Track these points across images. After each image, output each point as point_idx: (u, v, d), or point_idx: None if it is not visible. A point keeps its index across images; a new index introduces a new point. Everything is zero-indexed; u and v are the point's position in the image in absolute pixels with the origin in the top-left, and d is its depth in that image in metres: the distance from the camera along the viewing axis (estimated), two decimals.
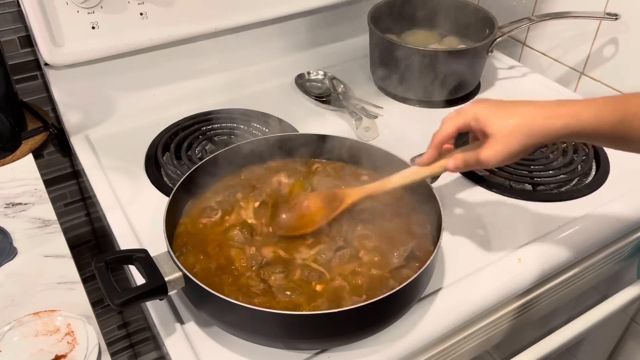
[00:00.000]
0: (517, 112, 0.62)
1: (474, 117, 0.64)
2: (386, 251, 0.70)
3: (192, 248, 0.71)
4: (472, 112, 0.64)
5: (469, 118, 0.64)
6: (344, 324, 0.62)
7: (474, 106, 0.65)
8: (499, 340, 0.81)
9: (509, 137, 0.61)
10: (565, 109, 0.61)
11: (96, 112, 1.02)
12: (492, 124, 0.62)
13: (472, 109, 0.65)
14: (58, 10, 0.89)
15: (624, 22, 1.04)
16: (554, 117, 0.60)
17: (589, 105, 0.60)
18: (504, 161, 0.63)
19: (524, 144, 0.61)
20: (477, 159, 0.64)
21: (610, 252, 0.87)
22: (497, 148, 0.62)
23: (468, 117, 0.64)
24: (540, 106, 0.62)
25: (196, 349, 0.66)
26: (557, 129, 0.60)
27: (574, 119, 0.60)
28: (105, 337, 0.77)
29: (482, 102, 0.65)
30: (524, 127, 0.61)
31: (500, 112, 0.63)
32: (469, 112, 0.65)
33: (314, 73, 1.15)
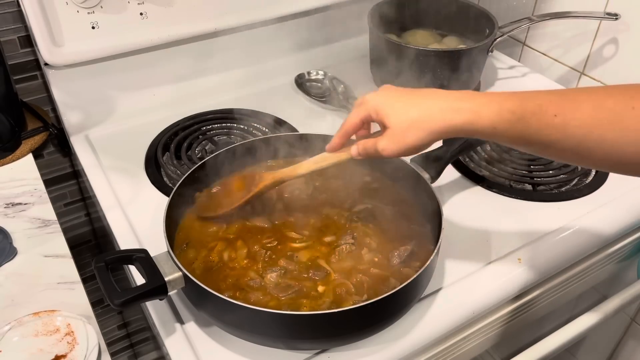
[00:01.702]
0: (415, 104, 0.60)
1: (374, 108, 0.63)
2: (386, 251, 0.70)
3: (193, 244, 0.72)
4: (372, 103, 0.63)
5: (370, 108, 0.63)
6: (344, 324, 0.62)
7: (375, 96, 0.63)
8: (499, 340, 0.81)
9: (405, 131, 0.60)
10: (466, 103, 0.58)
11: (96, 112, 1.02)
12: (390, 116, 0.61)
13: (373, 100, 0.63)
14: (58, 10, 0.89)
15: (624, 22, 1.04)
16: (453, 112, 0.58)
17: (492, 102, 0.57)
18: (401, 154, 0.61)
19: (421, 138, 0.59)
20: (375, 148, 0.62)
21: (610, 252, 0.87)
22: (393, 140, 0.61)
23: (369, 107, 0.63)
24: (442, 98, 0.59)
25: (196, 349, 0.66)
26: (455, 126, 0.58)
27: (473, 116, 0.57)
28: (105, 337, 0.77)
29: (384, 92, 0.64)
30: (421, 122, 0.59)
31: (399, 104, 0.61)
32: (370, 103, 0.63)
33: (314, 73, 1.15)
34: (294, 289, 0.66)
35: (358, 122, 0.65)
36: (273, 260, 0.70)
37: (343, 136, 0.67)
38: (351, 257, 0.70)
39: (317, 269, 0.68)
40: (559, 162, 0.94)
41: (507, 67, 1.22)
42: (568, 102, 0.55)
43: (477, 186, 0.90)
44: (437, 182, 0.81)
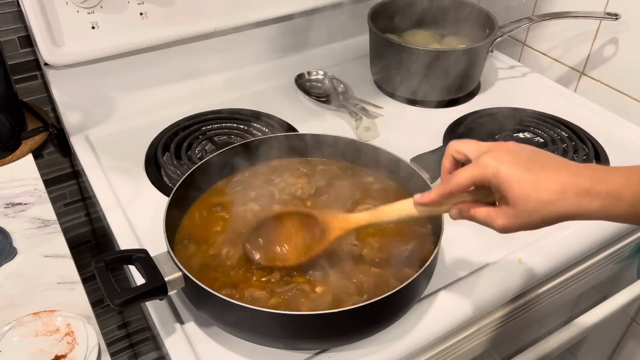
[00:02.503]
0: (547, 181, 0.51)
1: (495, 175, 0.53)
2: (387, 251, 0.70)
3: (194, 240, 0.72)
4: (493, 169, 0.53)
5: (489, 175, 0.54)
6: (344, 324, 0.62)
7: (496, 159, 0.54)
8: (499, 340, 0.81)
9: (532, 212, 0.52)
10: (604, 185, 0.50)
11: (96, 112, 1.02)
12: (515, 191, 0.52)
13: (494, 164, 0.53)
14: (58, 10, 0.89)
15: (624, 22, 1.04)
16: (590, 197, 0.50)
17: (630, 182, 0.50)
18: (519, 231, 0.55)
19: (548, 221, 0.52)
20: (489, 222, 0.56)
21: (610, 252, 0.87)
22: (514, 221, 0.53)
23: (487, 174, 0.54)
24: (576, 176, 0.51)
25: (196, 349, 0.66)
26: (591, 212, 0.50)
27: (612, 201, 0.49)
28: (105, 337, 0.77)
29: (506, 155, 0.54)
30: (554, 204, 0.51)
31: (526, 177, 0.52)
32: (489, 168, 0.53)
33: (314, 73, 1.15)
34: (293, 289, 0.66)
35: (469, 185, 0.56)
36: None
37: (445, 196, 0.58)
38: (352, 257, 0.70)
39: (316, 269, 0.68)
40: None
41: (507, 67, 1.22)
42: None
43: None
44: (438, 181, 0.81)
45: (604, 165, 0.53)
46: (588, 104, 1.10)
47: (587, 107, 1.09)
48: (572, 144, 0.98)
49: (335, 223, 0.66)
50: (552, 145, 0.98)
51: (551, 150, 0.97)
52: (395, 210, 0.63)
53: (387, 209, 0.64)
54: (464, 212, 0.58)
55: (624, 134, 1.02)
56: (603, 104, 1.09)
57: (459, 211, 0.58)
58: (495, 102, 1.10)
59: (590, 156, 0.96)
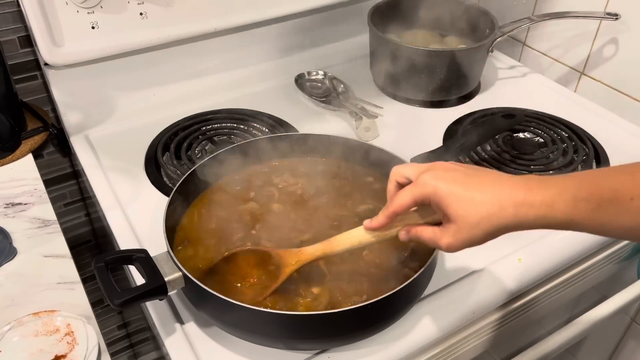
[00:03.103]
0: (484, 194, 0.53)
1: (434, 193, 0.55)
2: (387, 251, 0.70)
3: (193, 241, 0.72)
4: (431, 187, 0.55)
5: (428, 193, 0.55)
6: (344, 324, 0.62)
7: (434, 177, 0.56)
8: (499, 340, 0.81)
9: (473, 226, 0.53)
10: (538, 195, 0.52)
11: (96, 112, 1.02)
12: (455, 208, 0.54)
13: (432, 182, 0.55)
14: (58, 10, 0.89)
15: (624, 22, 1.04)
16: (526, 207, 0.52)
17: (564, 192, 0.52)
18: (465, 247, 0.56)
19: (490, 234, 0.54)
20: (435, 242, 0.57)
21: (610, 252, 0.87)
22: (458, 237, 0.54)
23: (427, 192, 0.56)
24: (511, 188, 0.53)
25: (196, 349, 0.66)
26: (528, 221, 0.53)
27: (547, 210, 0.52)
28: (105, 337, 0.77)
29: (444, 172, 0.56)
30: (493, 216, 0.53)
31: (464, 195, 0.54)
32: (428, 186, 0.55)
33: (314, 73, 1.15)
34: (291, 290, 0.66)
35: (410, 204, 0.57)
36: None
37: (390, 217, 0.59)
38: (353, 257, 0.70)
39: (313, 269, 0.68)
40: (559, 162, 0.94)
41: (507, 67, 1.22)
42: None
43: None
44: None
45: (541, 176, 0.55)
46: (588, 104, 1.10)
47: (587, 107, 1.09)
48: (572, 144, 0.98)
49: (288, 258, 0.66)
50: (552, 145, 0.98)
51: (551, 151, 0.97)
52: (348, 239, 0.63)
53: (339, 239, 0.64)
54: (411, 233, 0.59)
55: (624, 134, 1.02)
56: (603, 104, 1.09)
57: (406, 232, 0.60)
58: (495, 102, 1.10)
59: (590, 156, 0.96)
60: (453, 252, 0.56)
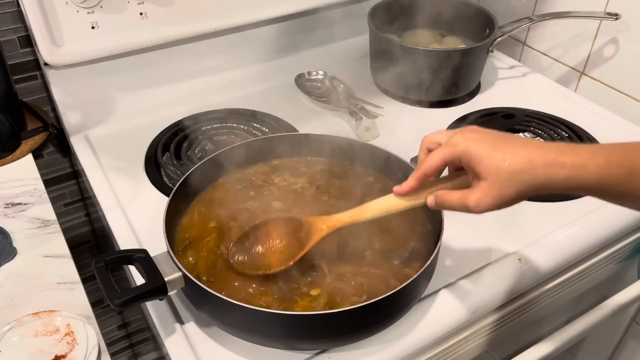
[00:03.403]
0: (515, 153, 0.53)
1: (465, 152, 0.55)
2: (387, 251, 0.70)
3: (193, 241, 0.72)
4: (463, 146, 0.55)
5: (459, 152, 0.56)
6: (344, 324, 0.62)
7: (465, 138, 0.56)
8: (499, 341, 0.81)
9: (504, 182, 0.53)
10: (569, 157, 0.52)
11: (96, 112, 1.02)
12: (486, 164, 0.53)
13: (464, 142, 0.55)
14: (58, 10, 0.89)
15: (624, 22, 1.04)
16: (557, 167, 0.52)
17: (596, 155, 0.52)
18: (495, 208, 0.55)
19: (520, 192, 0.53)
20: (464, 203, 0.56)
21: (610, 252, 0.87)
22: (489, 193, 0.54)
23: (458, 151, 0.56)
24: (542, 149, 0.53)
25: (196, 349, 0.66)
26: (559, 181, 0.52)
27: (578, 171, 0.52)
28: (105, 337, 0.77)
29: (475, 134, 0.56)
30: (524, 173, 0.52)
31: (496, 151, 0.54)
32: (460, 145, 0.56)
33: (314, 73, 1.14)
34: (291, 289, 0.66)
35: (441, 165, 0.57)
36: None
37: (420, 179, 0.59)
38: (354, 258, 0.70)
39: (313, 269, 0.68)
40: None
41: (507, 67, 1.22)
42: None
43: None
44: None
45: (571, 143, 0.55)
46: (588, 104, 1.10)
47: (587, 107, 1.08)
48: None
49: (318, 224, 0.66)
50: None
51: None
52: (377, 206, 0.64)
53: (369, 206, 0.64)
54: (439, 198, 0.59)
55: (624, 134, 1.02)
56: (603, 104, 1.09)
57: (434, 197, 0.59)
58: (495, 102, 1.10)
59: None
60: (482, 212, 0.55)
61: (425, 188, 0.60)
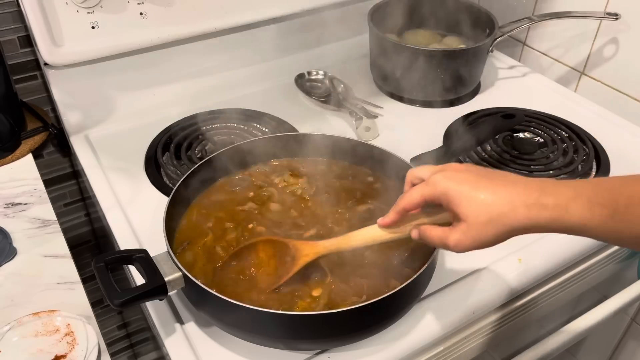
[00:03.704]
0: (495, 195, 0.53)
1: (444, 192, 0.55)
2: (387, 251, 0.70)
3: (193, 243, 0.72)
4: (442, 186, 0.55)
5: (438, 193, 0.55)
6: (344, 325, 0.62)
7: (445, 177, 0.56)
8: (499, 340, 0.81)
9: (484, 226, 0.53)
10: (551, 198, 0.51)
11: (96, 112, 1.02)
12: (465, 207, 0.53)
13: (443, 182, 0.55)
14: (58, 10, 0.89)
15: (624, 22, 1.04)
16: (538, 208, 0.51)
17: (579, 196, 0.51)
18: (474, 249, 0.55)
19: (501, 235, 0.53)
20: (443, 241, 0.56)
21: (610, 252, 0.87)
22: (468, 235, 0.54)
23: (436, 192, 0.56)
24: (523, 188, 0.53)
25: (196, 349, 0.66)
26: (540, 223, 0.52)
27: (561, 213, 0.51)
28: (105, 337, 0.77)
29: (457, 173, 0.56)
30: (504, 216, 0.52)
31: (475, 193, 0.53)
32: (439, 186, 0.55)
33: (314, 73, 1.14)
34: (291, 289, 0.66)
35: (420, 202, 0.58)
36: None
37: (400, 213, 0.60)
38: (354, 257, 0.70)
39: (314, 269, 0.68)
40: (559, 162, 0.94)
41: (507, 67, 1.22)
42: None
43: None
44: None
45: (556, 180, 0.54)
46: (588, 104, 1.10)
47: (587, 107, 1.08)
48: (572, 144, 0.98)
49: (304, 249, 0.67)
50: (552, 145, 0.98)
51: (551, 150, 0.97)
52: (362, 236, 0.65)
53: (355, 235, 0.65)
54: (422, 233, 0.59)
55: (624, 134, 1.02)
56: (603, 104, 1.09)
57: (417, 232, 0.60)
58: (495, 102, 1.10)
59: (590, 156, 0.96)
60: (461, 252, 0.56)
61: (409, 219, 0.61)
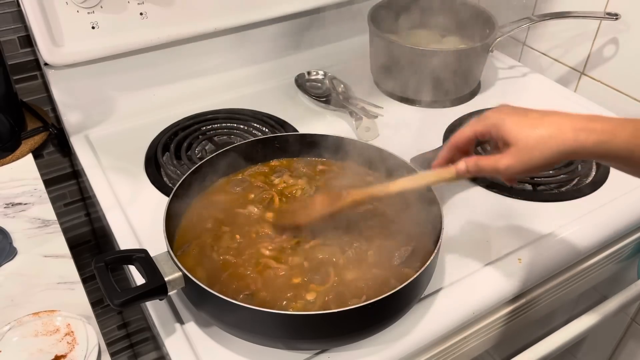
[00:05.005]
0: (545, 121, 0.55)
1: (495, 124, 0.58)
2: (387, 251, 0.70)
3: (193, 241, 0.72)
4: (493, 119, 0.58)
5: (489, 124, 0.59)
6: (344, 324, 0.62)
7: (496, 112, 0.59)
8: (499, 340, 0.81)
9: (533, 148, 0.55)
10: (599, 124, 0.53)
11: (96, 112, 1.02)
12: (515, 132, 0.56)
13: (494, 115, 0.59)
14: (58, 10, 0.89)
15: (624, 22, 1.04)
16: (587, 132, 0.53)
17: (626, 123, 0.53)
18: (524, 173, 0.57)
19: (549, 157, 0.55)
20: (494, 166, 0.58)
21: (610, 252, 0.87)
22: (518, 158, 0.56)
23: (488, 123, 0.59)
24: (572, 117, 0.55)
25: (196, 349, 0.66)
26: (587, 146, 0.53)
27: (608, 137, 0.53)
28: (105, 337, 0.77)
29: (506, 109, 0.59)
30: (552, 139, 0.54)
31: (525, 121, 0.56)
32: (490, 118, 0.59)
33: (314, 73, 1.14)
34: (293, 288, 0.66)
35: (472, 137, 0.61)
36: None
37: (451, 149, 0.63)
38: (356, 258, 0.70)
39: (317, 271, 0.68)
40: None
41: (507, 67, 1.22)
42: None
43: (477, 186, 0.90)
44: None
45: None
46: (588, 104, 1.10)
47: (587, 107, 1.08)
48: None
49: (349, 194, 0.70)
50: None
51: None
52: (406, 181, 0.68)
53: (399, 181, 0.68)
54: (470, 164, 0.60)
55: None
56: (603, 104, 1.09)
57: (465, 163, 0.61)
58: (495, 102, 1.08)
59: None
60: (512, 176, 0.58)
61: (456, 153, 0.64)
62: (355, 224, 0.74)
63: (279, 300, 0.65)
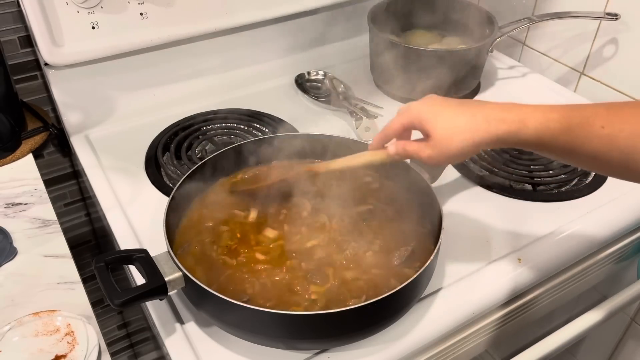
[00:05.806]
0: (460, 114, 0.60)
1: (417, 116, 0.63)
2: (387, 251, 0.71)
3: (195, 245, 0.72)
4: (416, 111, 0.63)
5: (413, 116, 0.63)
6: (344, 324, 0.62)
7: (419, 104, 0.64)
8: (499, 340, 0.81)
9: (449, 139, 0.60)
10: (511, 113, 0.57)
11: (96, 112, 1.02)
12: (433, 123, 0.61)
13: (417, 108, 0.63)
14: (58, 10, 0.89)
15: (624, 22, 1.04)
16: (498, 122, 0.57)
17: (536, 111, 0.57)
18: (445, 162, 0.62)
19: (465, 148, 0.59)
20: (418, 154, 0.63)
21: (610, 252, 0.87)
22: (437, 149, 0.61)
23: (412, 115, 0.63)
24: (487, 109, 0.59)
25: (196, 349, 0.66)
26: (499, 135, 0.58)
27: (518, 126, 0.57)
28: (105, 337, 0.77)
29: (429, 101, 0.64)
30: (466, 131, 0.59)
31: (443, 113, 0.61)
32: (413, 111, 0.63)
33: (314, 73, 1.15)
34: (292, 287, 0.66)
35: (399, 128, 0.65)
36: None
37: (382, 139, 0.68)
38: (357, 258, 0.70)
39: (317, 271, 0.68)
40: (559, 162, 0.94)
41: (507, 67, 1.22)
42: (615, 114, 0.55)
43: (477, 186, 0.90)
44: (438, 182, 0.81)
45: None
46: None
47: None
48: None
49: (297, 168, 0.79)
50: None
51: None
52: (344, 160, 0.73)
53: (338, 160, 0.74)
54: (398, 147, 0.66)
55: None
56: None
57: (395, 147, 0.66)
58: None
59: None
60: (433, 164, 0.63)
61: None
62: (355, 223, 0.74)
63: (279, 301, 0.65)
